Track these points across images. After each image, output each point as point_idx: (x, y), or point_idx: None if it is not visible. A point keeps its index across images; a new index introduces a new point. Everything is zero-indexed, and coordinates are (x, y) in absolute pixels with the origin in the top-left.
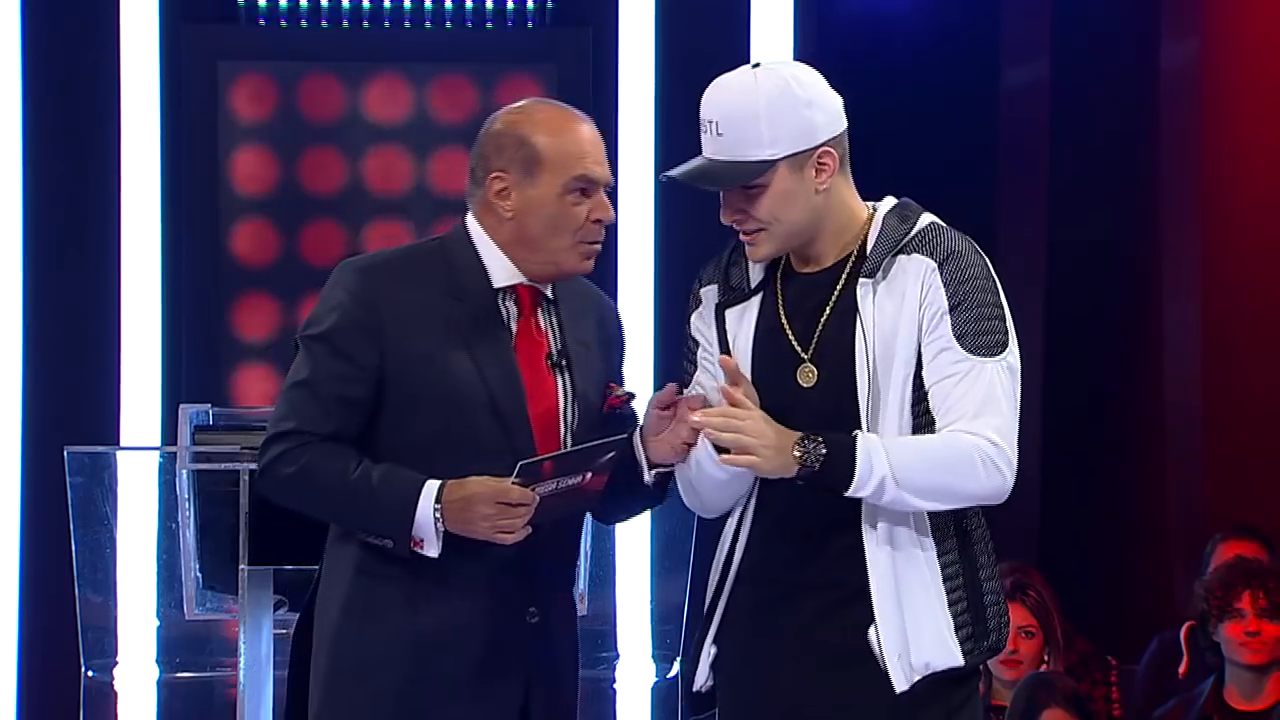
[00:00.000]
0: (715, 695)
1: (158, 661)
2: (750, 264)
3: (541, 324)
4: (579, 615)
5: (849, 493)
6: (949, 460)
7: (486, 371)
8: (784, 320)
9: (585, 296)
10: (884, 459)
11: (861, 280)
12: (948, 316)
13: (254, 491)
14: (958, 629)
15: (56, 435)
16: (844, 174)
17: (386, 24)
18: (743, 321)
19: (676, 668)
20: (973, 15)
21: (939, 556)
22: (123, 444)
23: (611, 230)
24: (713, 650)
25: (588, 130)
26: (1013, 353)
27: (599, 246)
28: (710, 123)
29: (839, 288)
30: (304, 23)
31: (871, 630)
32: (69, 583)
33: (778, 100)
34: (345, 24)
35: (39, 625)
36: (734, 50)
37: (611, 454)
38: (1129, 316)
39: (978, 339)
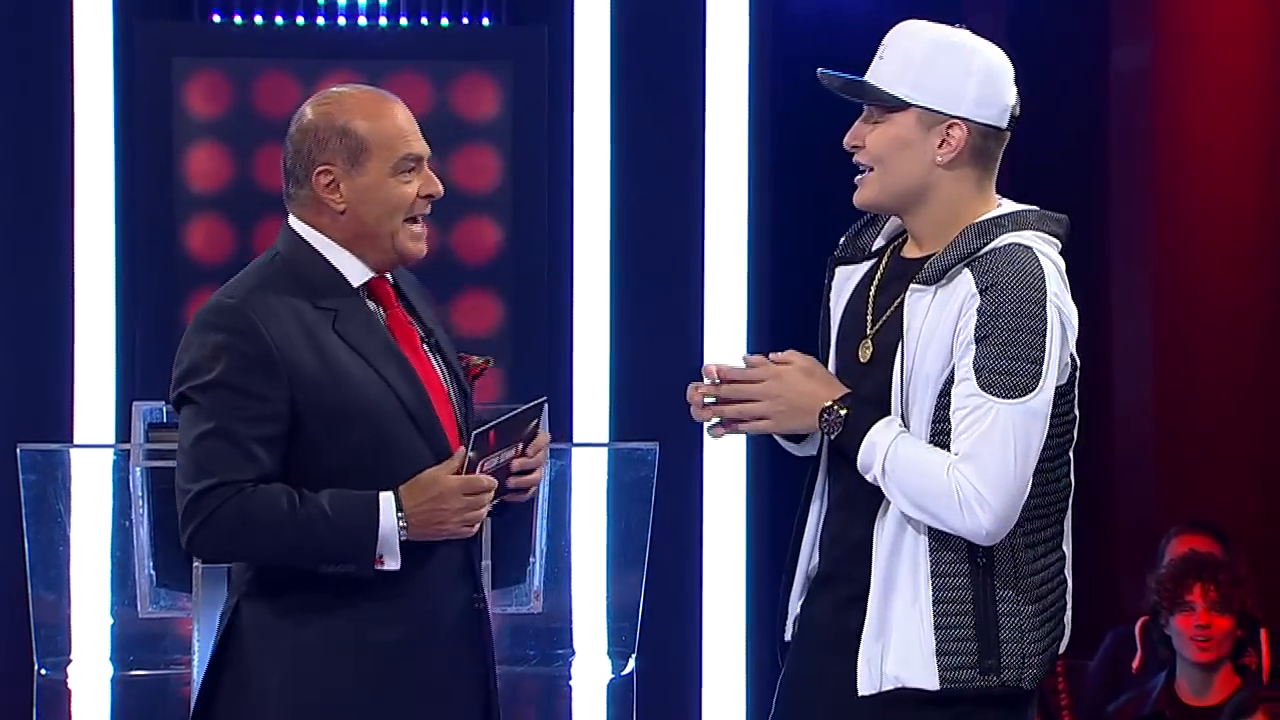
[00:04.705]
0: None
1: (111, 659)
2: (879, 231)
3: (403, 313)
4: (535, 613)
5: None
6: (933, 487)
7: (388, 376)
8: (872, 294)
9: (405, 274)
10: (880, 459)
11: (915, 287)
12: (973, 347)
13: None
14: (940, 653)
15: (9, 432)
16: (980, 169)
17: (342, 21)
18: (848, 282)
19: (632, 664)
20: (927, 16)
21: (934, 578)
22: (76, 441)
23: (568, 227)
24: (798, 607)
25: (400, 108)
26: (1038, 398)
27: (424, 229)
28: (884, 46)
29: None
30: (259, 19)
31: (864, 628)
32: (22, 581)
33: (943, 54)
34: (300, 21)
35: None
36: (689, 49)
37: (535, 421)
38: (1080, 317)
39: (994, 376)
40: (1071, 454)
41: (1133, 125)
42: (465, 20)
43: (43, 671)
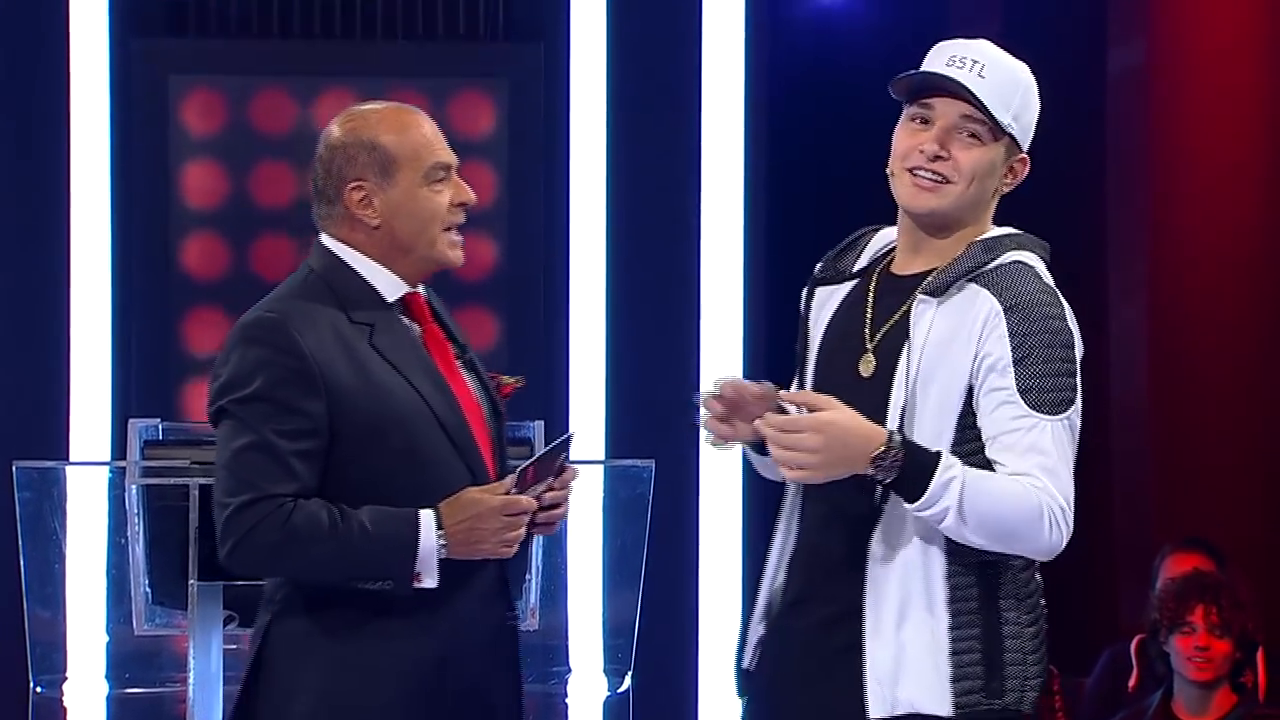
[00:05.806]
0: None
1: (107, 677)
2: (860, 254)
3: (438, 329)
4: (531, 630)
5: (912, 510)
6: (1022, 512)
7: (425, 392)
8: (867, 312)
9: (431, 291)
10: (958, 494)
11: (921, 297)
12: (1012, 369)
13: (231, 561)
14: (955, 679)
15: (5, 450)
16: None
17: (338, 37)
18: (828, 302)
19: (628, 682)
20: (920, 20)
21: (950, 604)
22: (72, 459)
23: (564, 244)
24: (760, 630)
25: (425, 120)
26: (1076, 411)
27: (461, 237)
28: (975, 62)
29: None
30: (255, 36)
31: (865, 650)
32: (17, 598)
33: (1032, 92)
34: (296, 38)
35: None
36: (685, 65)
37: (564, 455)
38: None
39: (1041, 395)
40: None
41: (1128, 126)
42: (461, 37)
43: (38, 689)
